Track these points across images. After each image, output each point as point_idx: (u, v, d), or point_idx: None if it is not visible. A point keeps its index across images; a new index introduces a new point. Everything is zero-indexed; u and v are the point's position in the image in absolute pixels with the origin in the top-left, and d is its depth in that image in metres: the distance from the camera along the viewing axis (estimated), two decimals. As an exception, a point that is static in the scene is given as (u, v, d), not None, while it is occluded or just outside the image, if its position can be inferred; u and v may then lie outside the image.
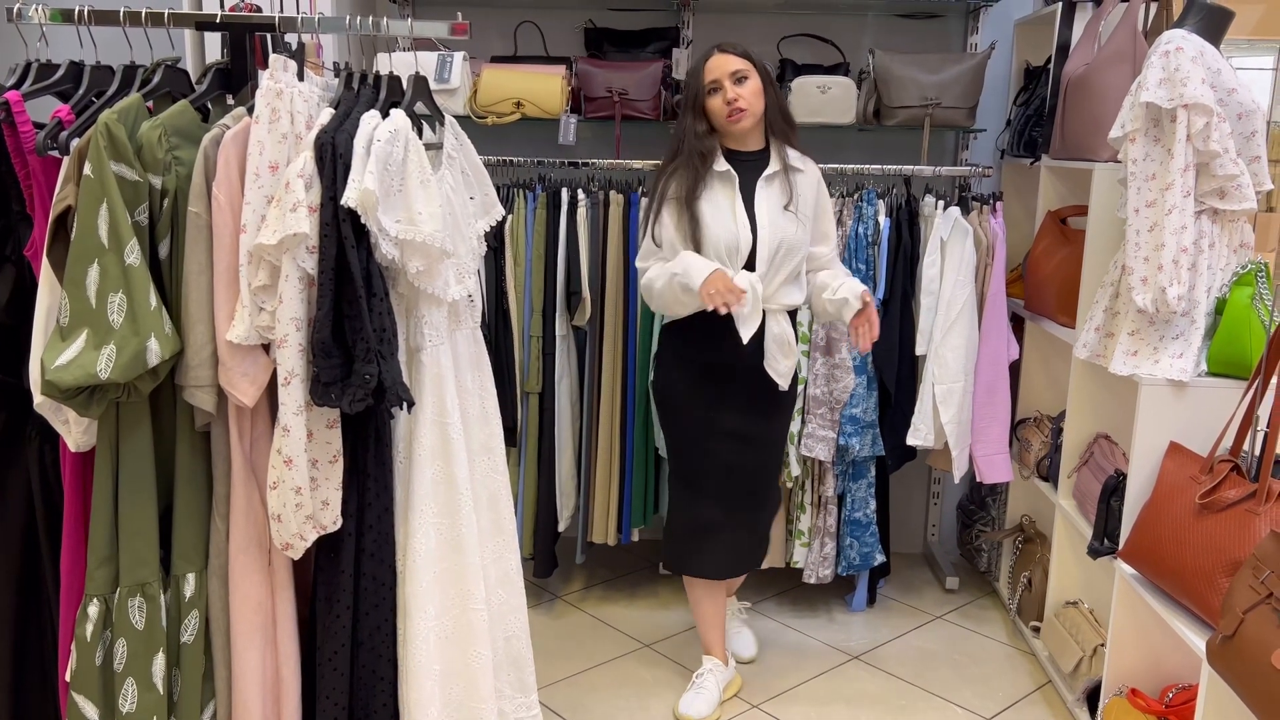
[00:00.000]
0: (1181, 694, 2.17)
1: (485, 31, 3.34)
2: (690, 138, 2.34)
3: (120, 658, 1.66)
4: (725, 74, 2.31)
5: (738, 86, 2.30)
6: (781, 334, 2.37)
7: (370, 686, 1.79)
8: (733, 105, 2.30)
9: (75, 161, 1.59)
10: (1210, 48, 2.13)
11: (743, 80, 2.31)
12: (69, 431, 1.67)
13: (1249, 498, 1.92)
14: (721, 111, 2.32)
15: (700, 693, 2.55)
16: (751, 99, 2.32)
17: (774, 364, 2.37)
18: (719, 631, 2.63)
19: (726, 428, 2.42)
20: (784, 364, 2.39)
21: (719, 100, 2.32)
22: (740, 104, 2.30)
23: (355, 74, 1.79)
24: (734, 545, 2.52)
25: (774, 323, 2.36)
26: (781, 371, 2.38)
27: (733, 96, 2.30)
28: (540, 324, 2.93)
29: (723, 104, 2.31)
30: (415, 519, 1.80)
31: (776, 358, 2.37)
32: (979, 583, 3.34)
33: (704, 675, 2.59)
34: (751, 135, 2.39)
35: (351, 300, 1.59)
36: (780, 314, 2.37)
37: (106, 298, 1.54)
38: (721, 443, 2.43)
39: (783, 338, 2.37)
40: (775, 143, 2.40)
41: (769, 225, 2.33)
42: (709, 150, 2.34)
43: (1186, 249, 2.12)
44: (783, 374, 2.39)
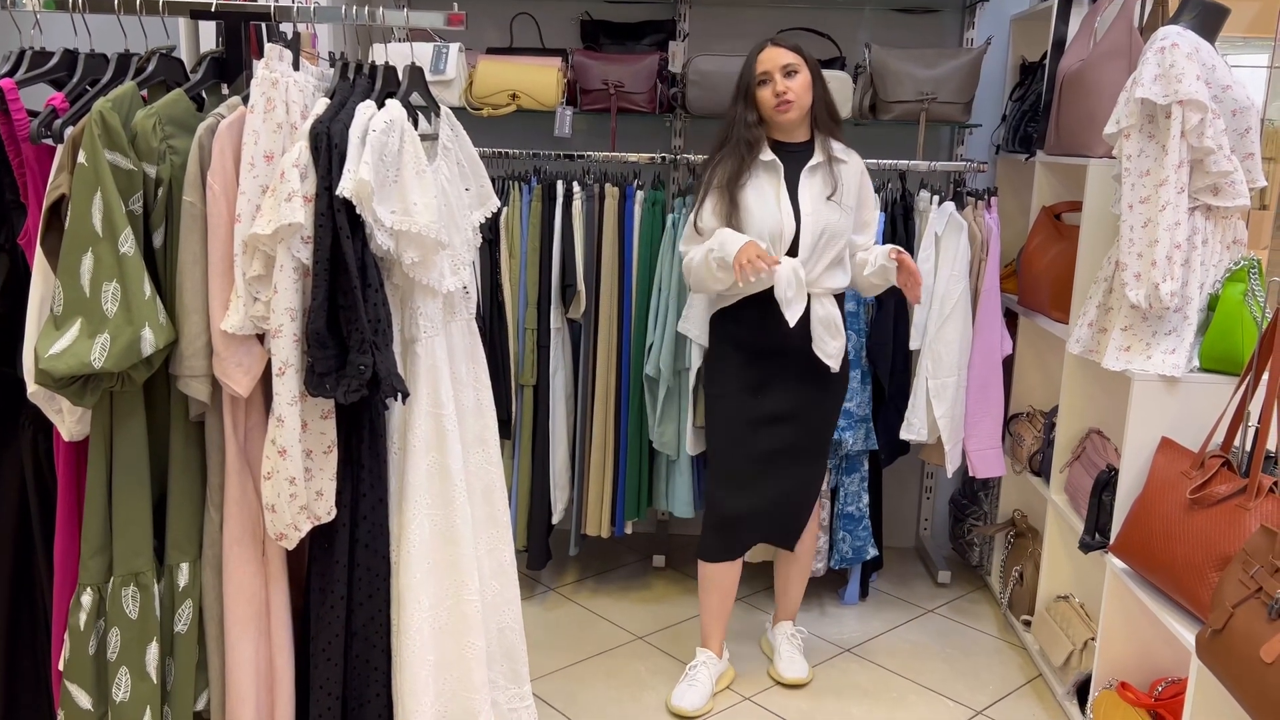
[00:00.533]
0: (1171, 687, 2.19)
1: (481, 23, 3.33)
2: (739, 126, 2.41)
3: (114, 647, 1.66)
4: (776, 67, 2.37)
5: (787, 80, 2.37)
6: (828, 316, 2.42)
7: (364, 677, 1.80)
8: (781, 98, 2.37)
9: (69, 150, 1.58)
10: (1205, 44, 2.13)
11: (793, 74, 2.38)
12: (63, 421, 1.67)
13: (1239, 493, 1.93)
14: (770, 103, 2.39)
15: (693, 685, 2.56)
16: (800, 93, 2.38)
17: (822, 346, 2.42)
18: (720, 626, 2.64)
19: (777, 412, 2.47)
20: (832, 345, 2.43)
21: (768, 92, 2.38)
22: (789, 96, 2.37)
23: (351, 64, 1.79)
24: (770, 521, 2.56)
25: (819, 306, 2.41)
26: (830, 353, 2.43)
27: (782, 89, 2.36)
28: (535, 316, 2.93)
29: (771, 96, 2.38)
30: (410, 510, 1.80)
31: (825, 340, 2.42)
32: (971, 577, 3.36)
33: (697, 668, 2.60)
34: (798, 128, 2.45)
35: (346, 291, 1.59)
36: (826, 297, 2.43)
37: (100, 287, 1.54)
38: (774, 428, 2.47)
39: (829, 320, 2.42)
40: (820, 135, 2.47)
41: (812, 213, 2.39)
42: (756, 139, 2.41)
43: (1180, 245, 2.13)
44: (831, 355, 2.43)
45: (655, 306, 2.91)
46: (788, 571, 2.75)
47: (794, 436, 2.49)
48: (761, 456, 2.48)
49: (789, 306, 2.34)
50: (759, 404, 2.46)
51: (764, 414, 2.46)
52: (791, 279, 2.34)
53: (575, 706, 2.56)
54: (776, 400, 2.46)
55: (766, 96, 2.38)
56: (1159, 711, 2.16)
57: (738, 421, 2.48)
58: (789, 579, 2.76)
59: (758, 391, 2.46)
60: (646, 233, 2.95)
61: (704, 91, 2.97)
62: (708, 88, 2.96)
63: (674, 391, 2.90)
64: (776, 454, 2.49)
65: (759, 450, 2.47)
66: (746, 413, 2.47)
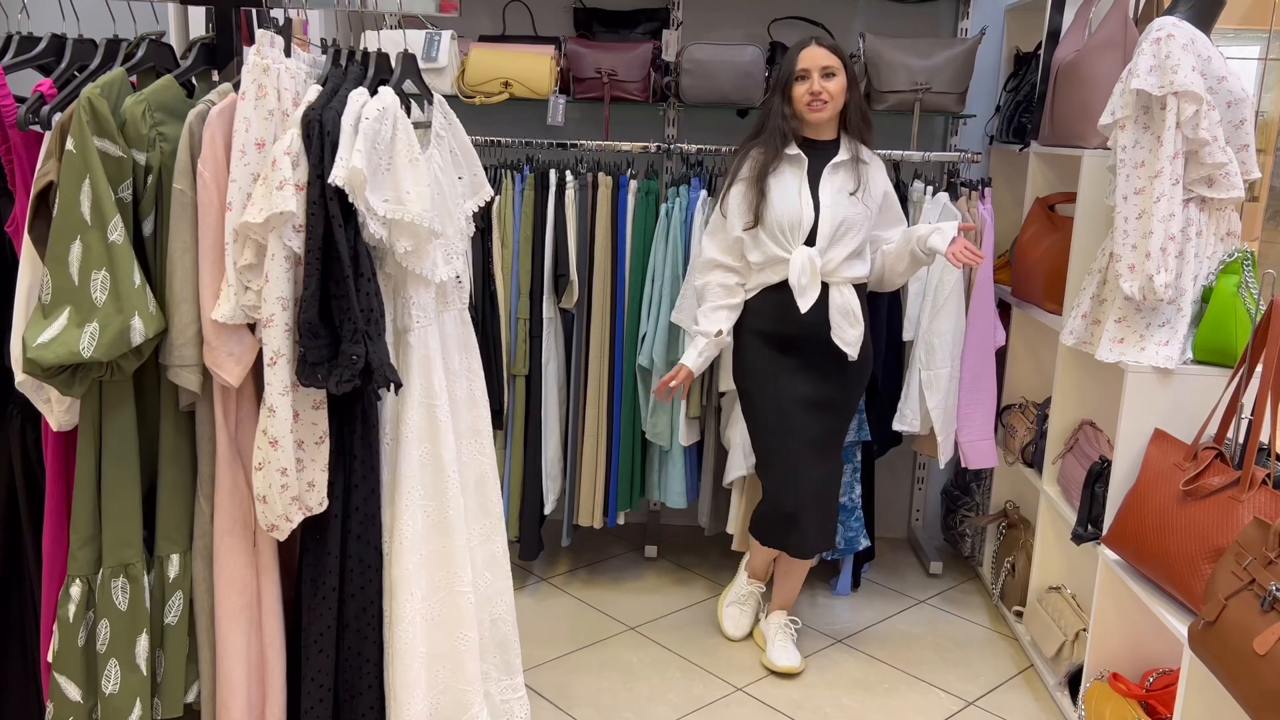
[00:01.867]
0: (1162, 679, 2.19)
1: (473, 10, 3.31)
2: (776, 116, 2.49)
3: (103, 638, 1.65)
4: (816, 66, 2.45)
5: (825, 81, 2.45)
6: (845, 304, 2.47)
7: (356, 668, 1.79)
8: (816, 97, 2.45)
9: (57, 137, 1.56)
10: (1201, 35, 2.13)
11: (830, 76, 2.46)
12: (51, 410, 1.65)
13: (1232, 485, 1.93)
14: (803, 99, 2.46)
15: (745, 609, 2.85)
16: (835, 95, 2.47)
17: (841, 334, 2.47)
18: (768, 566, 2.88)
19: (810, 399, 2.52)
20: (851, 333, 2.48)
21: (803, 89, 2.46)
22: (823, 97, 2.45)
23: (343, 51, 1.77)
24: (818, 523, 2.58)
25: (837, 294, 2.47)
26: (849, 340, 2.47)
27: (818, 89, 2.45)
28: (527, 306, 2.91)
29: (806, 93, 2.46)
30: (402, 501, 1.79)
31: (843, 328, 2.47)
32: (962, 567, 3.37)
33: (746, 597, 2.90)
34: (826, 127, 2.53)
35: (339, 280, 1.58)
36: (844, 286, 2.48)
37: (89, 275, 1.52)
38: (807, 414, 2.52)
39: (846, 308, 2.47)
40: (847, 137, 2.55)
41: (831, 205, 2.47)
42: (790, 130, 2.49)
43: (1174, 236, 2.13)
44: (850, 343, 2.47)
45: (648, 296, 2.90)
46: (790, 562, 2.75)
47: (821, 424, 2.55)
48: (806, 441, 2.53)
49: (802, 294, 2.43)
50: (795, 389, 2.52)
51: (801, 399, 2.52)
52: (806, 266, 2.43)
53: (568, 697, 2.56)
54: (808, 386, 2.53)
55: (800, 93, 2.46)
56: (1150, 703, 2.17)
57: (779, 407, 2.53)
58: (791, 567, 2.76)
59: (791, 377, 2.53)
60: (640, 222, 2.93)
61: (697, 80, 2.95)
62: (701, 76, 2.94)
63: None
64: (814, 441, 2.54)
65: (803, 436, 2.53)
66: (787, 398, 2.52)
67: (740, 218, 2.50)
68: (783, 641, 2.74)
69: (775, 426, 2.54)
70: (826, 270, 2.46)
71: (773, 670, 2.69)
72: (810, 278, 2.43)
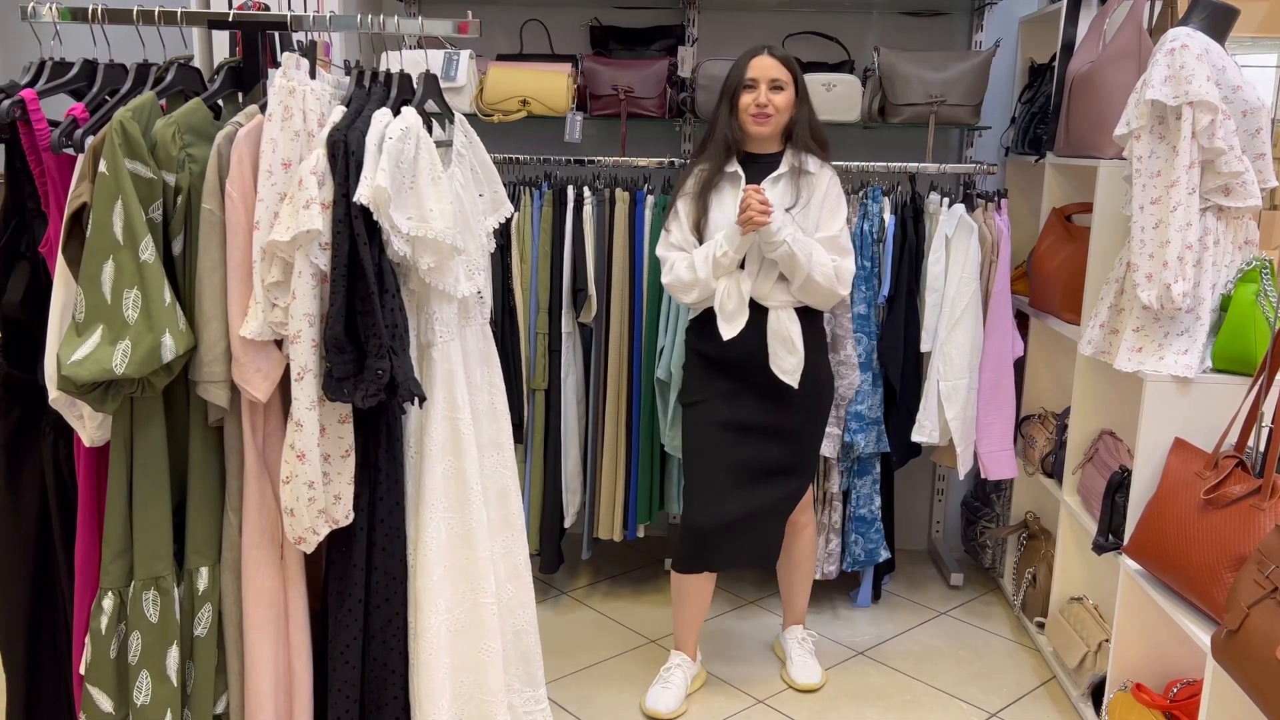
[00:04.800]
0: (1186, 689, 2.18)
1: (491, 29, 3.35)
2: (721, 126, 2.42)
3: (134, 650, 1.67)
4: (765, 77, 2.37)
5: (772, 93, 2.37)
6: (782, 330, 2.37)
7: (381, 679, 1.81)
8: (761, 109, 2.36)
9: (90, 159, 1.60)
10: (1215, 45, 2.14)
11: (779, 89, 2.38)
12: (83, 426, 1.68)
13: (1254, 493, 1.93)
14: (748, 109, 2.38)
15: (668, 687, 2.57)
16: (780, 108, 2.38)
17: (779, 361, 2.37)
18: (694, 633, 2.65)
19: (746, 423, 2.43)
20: (788, 361, 2.37)
21: (749, 98, 2.38)
22: (768, 110, 2.36)
23: (367, 72, 1.81)
24: (750, 538, 2.50)
25: (775, 320, 2.37)
26: (786, 369, 2.37)
27: (764, 101, 2.36)
28: (546, 321, 2.94)
29: (751, 103, 2.37)
30: (426, 513, 1.81)
31: (780, 355, 2.37)
32: (983, 579, 3.36)
33: (671, 670, 2.61)
34: (769, 141, 2.44)
35: (364, 296, 1.61)
36: (782, 311, 2.38)
37: (121, 294, 1.56)
38: (746, 439, 2.43)
39: (784, 334, 2.37)
40: (792, 150, 2.43)
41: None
42: (735, 140, 2.42)
43: (1191, 246, 2.13)
44: (788, 371, 2.37)
45: (666, 310, 2.92)
46: (790, 578, 2.74)
47: (765, 451, 2.45)
48: (733, 466, 2.44)
49: (728, 320, 2.34)
50: (729, 413, 2.43)
51: (734, 423, 2.43)
52: (732, 291, 2.33)
53: (590, 709, 2.57)
54: (745, 411, 2.43)
55: (746, 102, 2.38)
56: (1175, 713, 2.16)
57: (709, 430, 2.45)
58: (792, 585, 2.75)
59: (727, 401, 2.43)
60: (657, 237, 2.95)
61: (713, 96, 2.94)
62: (717, 92, 2.96)
63: (686, 395, 2.91)
64: (747, 466, 2.44)
65: (730, 460, 2.44)
66: (717, 422, 2.44)
67: (679, 238, 2.42)
68: (801, 656, 2.72)
69: (702, 448, 2.47)
70: (760, 293, 2.36)
71: (794, 687, 2.68)
72: (737, 304, 2.33)
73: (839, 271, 2.38)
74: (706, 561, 2.51)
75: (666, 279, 2.43)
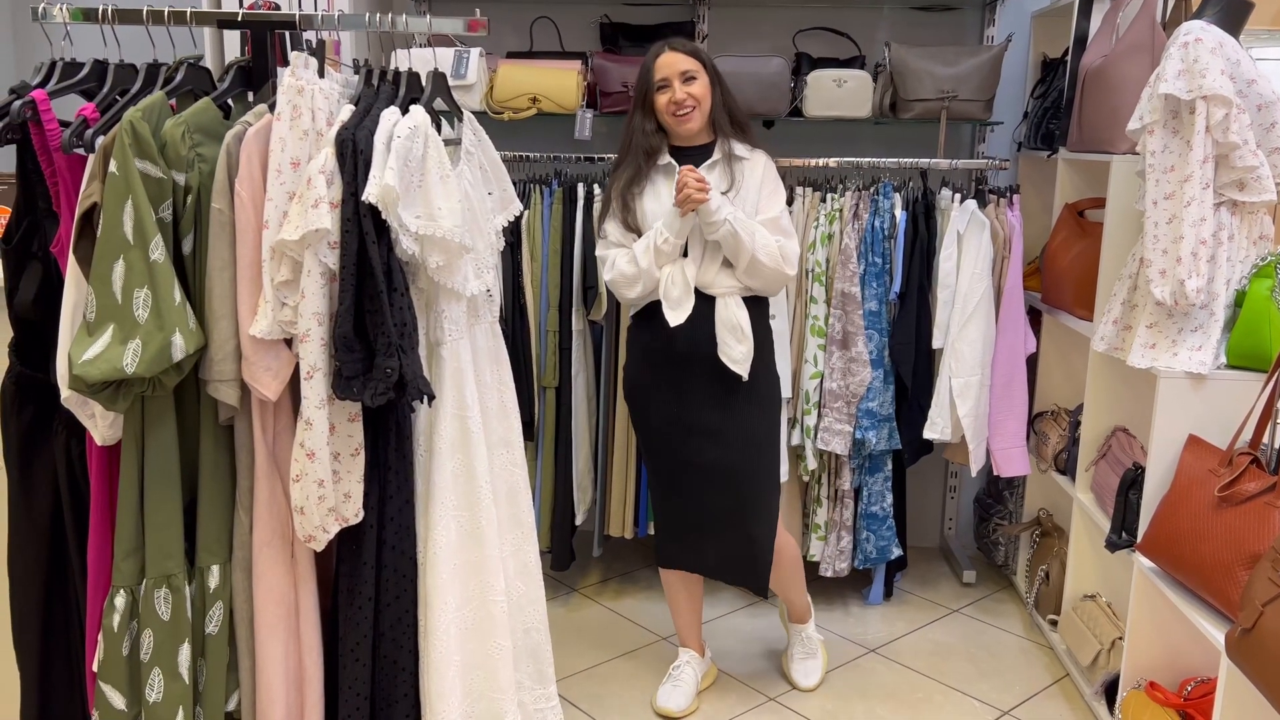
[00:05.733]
0: (1200, 687, 2.17)
1: (501, 27, 3.35)
2: (637, 135, 2.37)
3: (146, 648, 1.68)
4: (675, 73, 2.31)
5: (686, 85, 2.31)
6: (730, 318, 2.30)
7: (391, 677, 1.81)
8: (680, 105, 2.31)
9: (100, 159, 1.61)
10: (1229, 39, 2.12)
11: (691, 79, 2.32)
12: (95, 425, 1.69)
13: (1268, 490, 1.91)
14: (667, 110, 2.33)
15: (678, 685, 2.56)
16: (700, 97, 2.32)
17: (727, 350, 2.30)
18: (695, 625, 2.64)
19: (694, 423, 2.37)
20: (738, 350, 2.30)
21: (666, 99, 2.32)
22: (688, 104, 2.31)
23: (375, 71, 1.81)
24: (719, 546, 2.44)
25: (723, 307, 2.31)
26: (735, 358, 2.30)
27: (681, 96, 2.31)
28: (556, 319, 2.94)
29: (669, 103, 2.32)
30: (436, 511, 1.81)
31: (729, 344, 2.30)
32: (996, 576, 3.34)
33: (680, 667, 2.60)
34: (699, 133, 2.38)
35: (373, 295, 1.61)
36: (731, 298, 2.32)
37: (132, 293, 1.57)
38: (691, 439, 2.38)
39: (733, 322, 2.30)
40: (721, 138, 2.39)
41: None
42: (654, 148, 2.36)
43: (1205, 241, 2.11)
44: (737, 360, 2.30)
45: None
46: (777, 584, 2.62)
47: (715, 453, 2.37)
48: (685, 467, 2.40)
49: (675, 307, 2.29)
50: (676, 412, 2.38)
51: (680, 423, 2.37)
52: (677, 277, 2.29)
53: (600, 707, 2.57)
54: (693, 410, 2.37)
55: (663, 103, 2.32)
56: (1189, 712, 2.14)
57: (655, 429, 2.42)
58: (781, 587, 2.65)
59: (673, 400, 2.38)
60: (667, 234, 2.95)
61: (723, 93, 2.97)
62: (727, 89, 2.96)
63: (696, 392, 2.90)
64: (703, 469, 2.38)
65: (681, 460, 2.40)
66: (663, 420, 2.40)
67: (618, 236, 2.37)
68: (801, 656, 2.69)
69: (653, 446, 2.44)
70: (705, 281, 2.30)
71: (792, 686, 2.66)
72: (682, 290, 2.28)
73: (784, 251, 2.32)
74: (675, 559, 2.50)
75: (608, 275, 2.37)
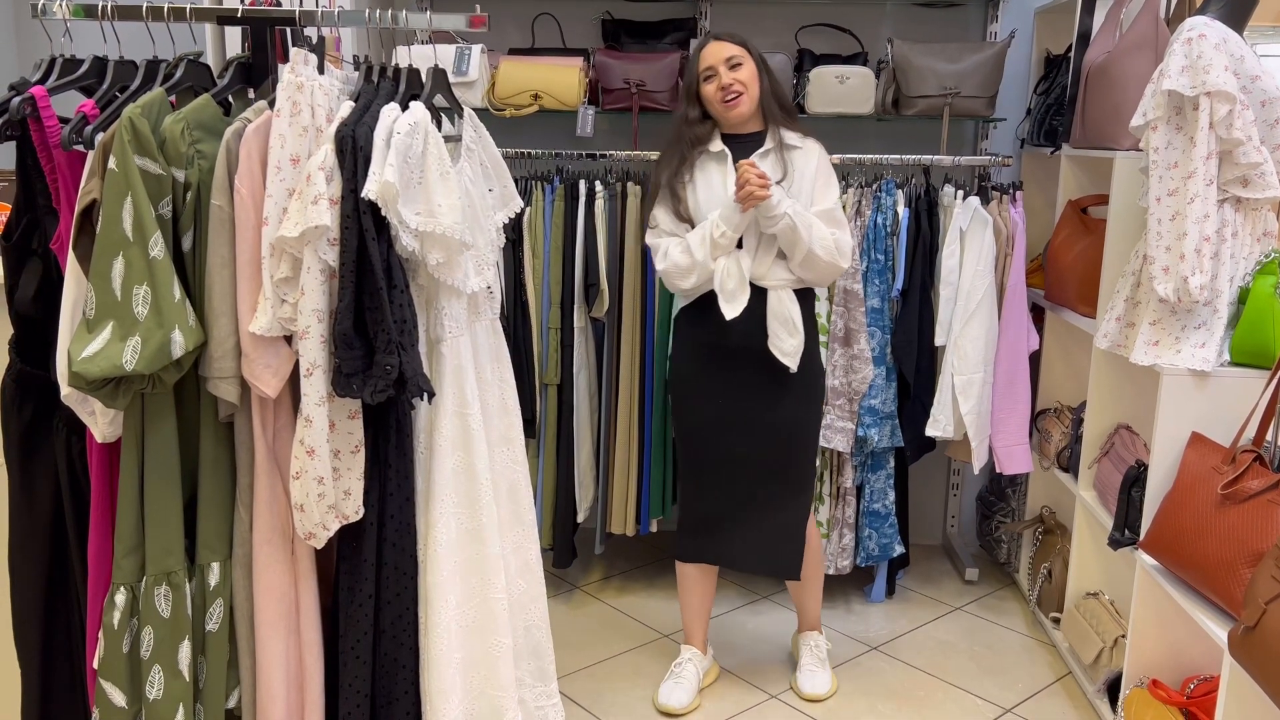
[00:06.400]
0: (1203, 685, 2.16)
1: (503, 24, 3.34)
2: (684, 126, 2.40)
3: (147, 645, 1.68)
4: (720, 61, 2.33)
5: (732, 72, 2.33)
6: (783, 311, 2.33)
7: (392, 674, 1.81)
8: (728, 90, 2.33)
9: (100, 156, 1.61)
10: (1233, 34, 2.11)
11: (737, 66, 2.34)
12: (95, 422, 1.69)
13: (1271, 488, 1.90)
14: (717, 97, 2.34)
15: (680, 682, 2.56)
16: (747, 83, 2.34)
17: (778, 343, 2.33)
18: (702, 624, 2.64)
19: (740, 415, 2.40)
20: (789, 343, 2.33)
21: (713, 87, 2.34)
22: (735, 88, 2.33)
23: (375, 67, 1.80)
24: (753, 534, 2.47)
25: (775, 300, 2.33)
26: (787, 351, 2.33)
27: (728, 81, 2.32)
28: (558, 316, 2.94)
29: (717, 89, 2.34)
30: (436, 509, 1.81)
31: (780, 336, 2.33)
32: (998, 574, 3.34)
33: (683, 664, 2.60)
34: (749, 120, 2.40)
35: (372, 292, 1.61)
36: (782, 291, 2.34)
37: (131, 290, 1.56)
38: (734, 431, 2.40)
39: (784, 315, 2.33)
40: (772, 126, 2.41)
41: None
42: (700, 136, 2.38)
43: (1209, 238, 2.10)
44: (788, 353, 2.33)
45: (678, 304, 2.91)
46: (799, 588, 2.67)
47: (755, 444, 2.40)
48: (725, 460, 2.42)
49: (730, 299, 2.30)
50: (715, 407, 2.41)
51: (720, 417, 2.40)
52: (732, 269, 2.30)
53: (602, 704, 2.57)
54: (740, 402, 2.39)
55: (712, 92, 2.34)
56: (1191, 710, 2.14)
57: (699, 421, 2.44)
58: (803, 594, 2.68)
59: (715, 394, 2.40)
60: (669, 231, 2.95)
61: (726, 89, 2.96)
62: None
63: (698, 390, 2.90)
64: (739, 461, 2.41)
65: (721, 452, 2.41)
66: (701, 416, 2.42)
67: (669, 225, 2.38)
68: (811, 666, 2.67)
69: (695, 437, 2.45)
70: (758, 273, 2.32)
71: (800, 696, 2.64)
72: (738, 282, 2.29)
73: (839, 243, 2.33)
74: (702, 551, 2.51)
75: (662, 265, 2.38)
